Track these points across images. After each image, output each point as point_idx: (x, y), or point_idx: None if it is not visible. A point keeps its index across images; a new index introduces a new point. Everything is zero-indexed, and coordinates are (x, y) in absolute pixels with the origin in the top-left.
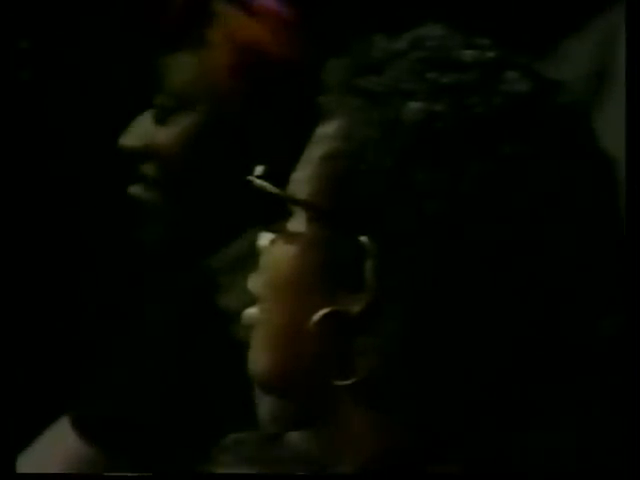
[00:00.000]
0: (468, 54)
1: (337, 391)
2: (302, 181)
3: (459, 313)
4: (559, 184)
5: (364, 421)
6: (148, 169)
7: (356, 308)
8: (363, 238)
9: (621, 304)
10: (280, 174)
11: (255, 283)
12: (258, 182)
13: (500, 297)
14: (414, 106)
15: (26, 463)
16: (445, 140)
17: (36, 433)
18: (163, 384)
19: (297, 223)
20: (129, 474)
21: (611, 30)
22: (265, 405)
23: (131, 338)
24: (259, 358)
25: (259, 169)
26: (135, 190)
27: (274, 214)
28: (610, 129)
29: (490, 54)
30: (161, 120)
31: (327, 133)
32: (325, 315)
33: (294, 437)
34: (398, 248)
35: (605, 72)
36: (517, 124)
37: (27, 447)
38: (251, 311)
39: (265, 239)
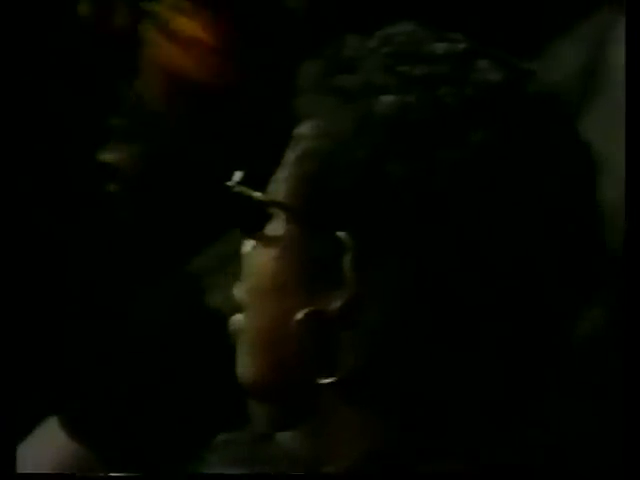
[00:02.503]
0: (439, 46)
1: (322, 390)
2: (279, 183)
3: (439, 306)
4: (534, 172)
5: (351, 420)
6: (114, 186)
7: (336, 305)
8: (340, 234)
9: (601, 298)
10: (259, 179)
11: (239, 291)
12: (235, 187)
13: (480, 289)
14: (386, 99)
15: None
16: (418, 131)
17: None
18: (153, 384)
19: (276, 226)
20: (120, 474)
21: (601, 29)
22: (258, 406)
23: (121, 339)
24: (245, 363)
25: (237, 174)
26: (107, 205)
27: (248, 217)
28: (600, 128)
29: (461, 46)
30: (120, 140)
31: (302, 134)
32: (307, 314)
33: (284, 437)
34: (375, 242)
35: (595, 71)
36: (489, 113)
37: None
38: (237, 318)
39: (247, 246)
